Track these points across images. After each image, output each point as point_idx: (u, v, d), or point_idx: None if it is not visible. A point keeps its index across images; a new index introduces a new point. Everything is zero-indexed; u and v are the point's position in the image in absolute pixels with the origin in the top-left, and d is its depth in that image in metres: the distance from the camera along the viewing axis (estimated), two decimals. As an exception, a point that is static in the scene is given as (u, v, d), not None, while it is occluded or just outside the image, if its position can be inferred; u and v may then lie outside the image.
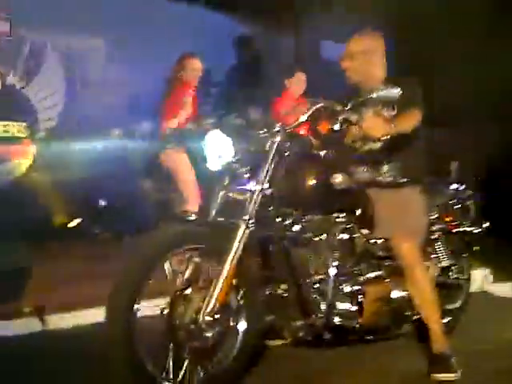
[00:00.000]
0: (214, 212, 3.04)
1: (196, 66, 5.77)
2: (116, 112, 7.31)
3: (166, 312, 2.79)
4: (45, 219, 6.07)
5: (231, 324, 2.93)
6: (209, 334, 2.80)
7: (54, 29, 6.54)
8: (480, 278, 4.86)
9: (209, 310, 2.78)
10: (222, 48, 8.33)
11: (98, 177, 6.22)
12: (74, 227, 6.20)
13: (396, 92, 3.01)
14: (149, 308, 2.81)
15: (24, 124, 6.37)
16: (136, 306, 2.70)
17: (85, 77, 6.98)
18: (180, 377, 2.80)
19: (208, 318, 2.78)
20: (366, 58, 3.38)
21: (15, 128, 6.32)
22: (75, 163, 6.09)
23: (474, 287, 4.30)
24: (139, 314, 2.72)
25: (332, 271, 3.12)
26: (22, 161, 6.33)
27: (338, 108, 3.07)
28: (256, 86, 8.17)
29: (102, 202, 6.51)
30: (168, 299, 2.82)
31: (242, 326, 2.95)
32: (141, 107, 7.38)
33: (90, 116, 6.69)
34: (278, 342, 3.50)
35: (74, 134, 6.26)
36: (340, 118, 3.06)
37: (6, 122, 6.24)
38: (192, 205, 5.42)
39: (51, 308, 3.97)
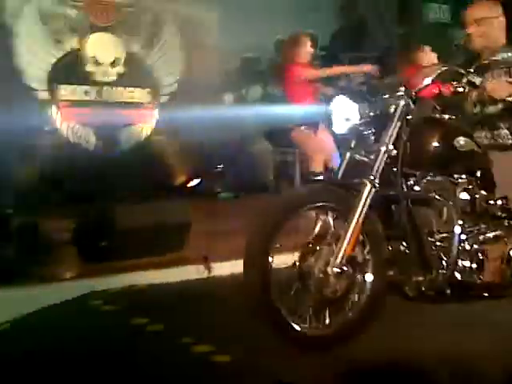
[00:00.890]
0: (341, 172, 3.25)
1: (309, 45, 6.13)
2: (230, 78, 7.62)
3: (298, 264, 3.04)
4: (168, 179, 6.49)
5: (358, 277, 3.13)
6: (337, 285, 3.02)
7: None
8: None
9: (337, 262, 3.00)
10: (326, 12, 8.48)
11: (217, 140, 6.55)
12: (195, 187, 6.57)
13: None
14: (282, 260, 3.08)
15: (147, 90, 6.76)
16: (270, 257, 2.96)
17: (201, 44, 7.24)
18: (312, 323, 3.04)
19: (336, 270, 3.00)
20: (491, 23, 3.45)
21: (139, 94, 6.71)
22: (195, 127, 6.40)
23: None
24: (273, 265, 2.98)
25: (454, 230, 3.25)
26: (145, 125, 6.74)
27: (462, 71, 3.18)
28: (360, 49, 8.24)
29: (221, 165, 6.86)
30: (300, 252, 3.06)
31: (369, 278, 3.15)
32: (253, 73, 7.64)
33: (207, 82, 6.99)
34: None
35: (193, 99, 6.56)
36: (464, 80, 3.16)
37: (130, 88, 6.65)
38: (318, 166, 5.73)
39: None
